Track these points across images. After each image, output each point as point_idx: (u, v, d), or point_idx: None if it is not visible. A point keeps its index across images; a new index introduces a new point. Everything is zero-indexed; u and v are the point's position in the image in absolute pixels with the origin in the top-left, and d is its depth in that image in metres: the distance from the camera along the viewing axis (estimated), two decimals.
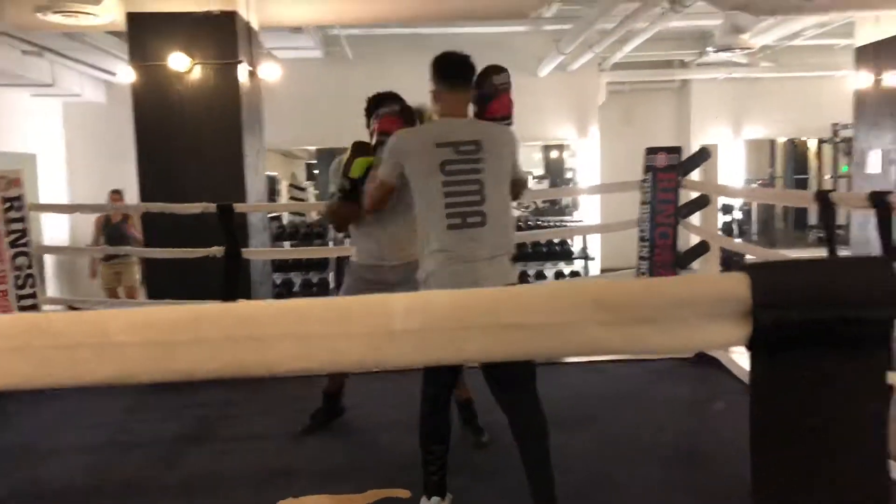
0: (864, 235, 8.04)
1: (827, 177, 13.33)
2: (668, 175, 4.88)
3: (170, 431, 4.22)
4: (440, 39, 10.27)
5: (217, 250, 4.85)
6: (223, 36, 5.54)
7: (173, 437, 4.13)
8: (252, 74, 5.84)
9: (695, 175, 5.24)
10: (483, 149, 2.79)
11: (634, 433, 3.97)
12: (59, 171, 9.79)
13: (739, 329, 0.64)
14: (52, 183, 9.57)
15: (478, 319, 0.63)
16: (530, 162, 16.49)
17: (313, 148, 13.78)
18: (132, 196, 6.53)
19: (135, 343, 0.61)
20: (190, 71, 5.49)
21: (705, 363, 4.96)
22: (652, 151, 5.00)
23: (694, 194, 5.08)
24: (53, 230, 9.13)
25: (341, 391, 4.04)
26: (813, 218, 14.62)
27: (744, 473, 0.70)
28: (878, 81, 7.99)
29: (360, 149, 3.30)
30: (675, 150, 4.93)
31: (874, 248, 7.76)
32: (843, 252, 10.95)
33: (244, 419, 4.42)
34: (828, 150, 13.19)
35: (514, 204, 3.55)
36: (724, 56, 9.62)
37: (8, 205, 4.62)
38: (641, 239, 5.13)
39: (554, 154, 15.84)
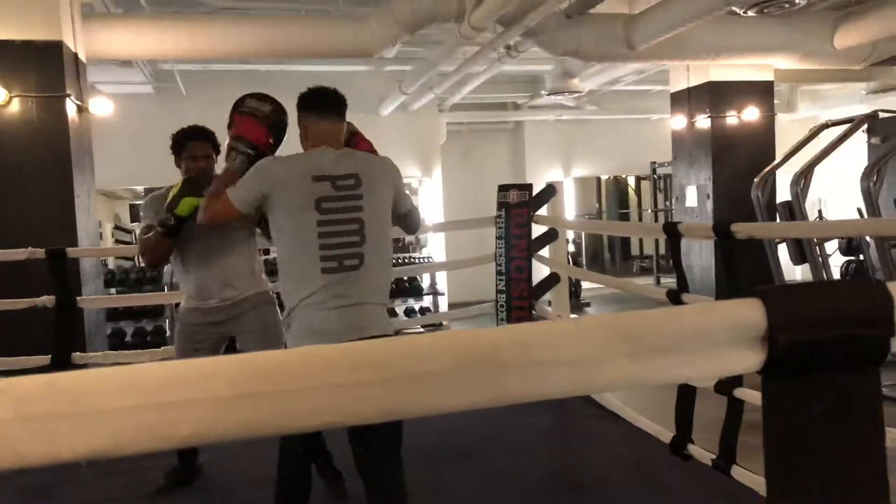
0: (689, 263, 8.71)
1: (647, 210, 14.43)
2: (520, 210, 5.05)
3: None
4: (279, 76, 10.11)
5: (47, 300, 4.39)
6: (47, 67, 5.09)
7: None
8: (81, 109, 5.41)
9: (543, 210, 5.47)
10: (362, 184, 2.59)
11: (507, 467, 4.00)
12: None
13: (756, 354, 0.63)
14: None
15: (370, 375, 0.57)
16: None
17: (140, 188, 13.00)
18: None
19: (135, 407, 0.50)
20: (8, 104, 4.99)
21: None
22: (504, 188, 5.16)
23: (543, 229, 5.28)
24: None
25: (194, 450, 3.73)
26: (636, 248, 15.80)
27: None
28: (691, 123, 8.80)
29: (191, 186, 3.07)
30: (526, 188, 5.12)
31: (706, 273, 8.50)
32: (668, 280, 11.90)
33: (87, 483, 3.99)
34: (646, 186, 14.30)
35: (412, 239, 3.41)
36: (553, 99, 10.22)
37: None
38: (498, 273, 5.25)
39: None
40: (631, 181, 15.35)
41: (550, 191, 5.31)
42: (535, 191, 5.36)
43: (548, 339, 0.59)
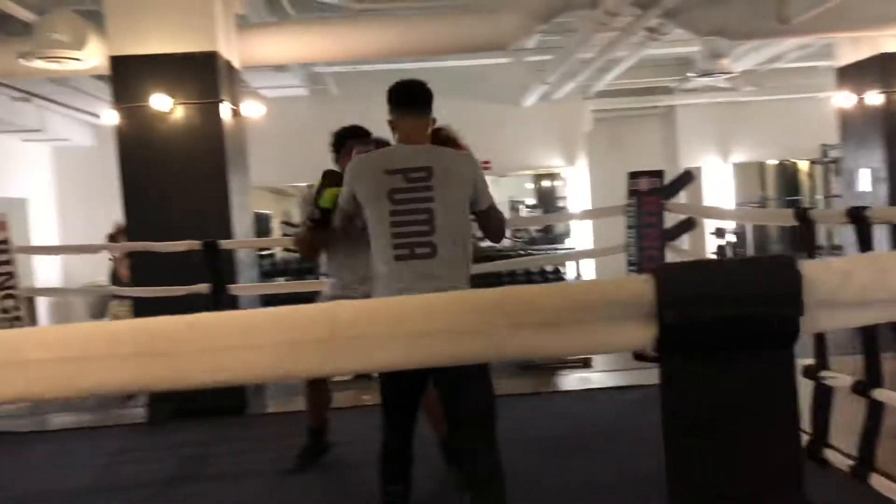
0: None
1: (819, 197, 13.38)
2: (651, 198, 4.90)
3: (155, 472, 4.17)
4: (423, 74, 10.31)
5: (202, 287, 4.84)
6: (204, 76, 5.58)
7: (159, 478, 4.08)
8: (235, 113, 5.88)
9: (682, 198, 5.27)
10: (434, 175, 2.65)
11: (625, 464, 3.91)
12: (49, 214, 9.81)
13: (646, 330, 0.63)
14: (43, 226, 9.58)
15: (384, 329, 0.62)
16: (522, 191, 16.57)
17: (304, 185, 13.84)
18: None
19: (47, 360, 0.59)
20: (172, 111, 5.52)
21: None
22: (634, 176, 5.02)
23: (679, 217, 5.08)
24: (46, 272, 9.12)
25: (325, 427, 3.99)
26: (822, 238, 14.64)
27: None
28: (861, 101, 8.06)
29: (330, 178, 3.26)
30: (658, 174, 4.95)
31: None
32: None
33: (232, 457, 4.37)
34: (819, 170, 13.26)
35: (508, 235, 3.34)
36: (706, 81, 9.73)
37: None
38: (630, 263, 5.12)
39: (546, 183, 15.91)
40: (804, 166, 14.25)
41: (686, 177, 5.11)
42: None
43: (423, 310, 0.62)
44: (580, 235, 11.05)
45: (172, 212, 5.55)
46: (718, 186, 12.12)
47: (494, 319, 0.62)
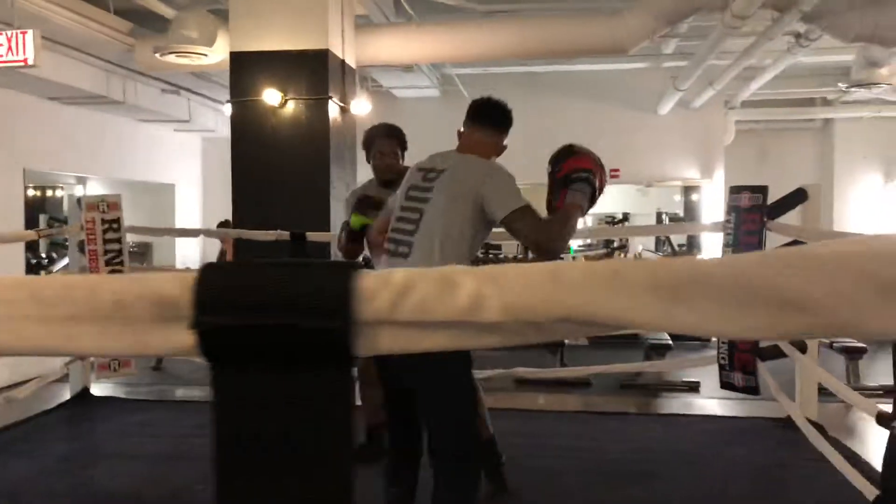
0: None
1: None
2: (752, 216, 4.51)
3: (206, 447, 4.36)
4: (554, 77, 10.23)
5: None
6: (315, 73, 5.79)
7: (205, 452, 4.26)
8: (343, 110, 6.05)
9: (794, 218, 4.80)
10: (440, 178, 2.60)
11: (690, 494, 3.68)
12: (194, 198, 10.61)
13: (186, 335, 0.56)
14: (187, 209, 10.39)
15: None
16: (671, 204, 15.85)
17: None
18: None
19: None
20: (283, 106, 5.78)
21: (793, 427, 4.49)
22: (736, 191, 4.65)
23: (785, 239, 4.64)
24: (187, 252, 9.89)
25: (382, 426, 3.97)
26: None
27: None
28: None
29: (361, 206, 3.29)
30: (760, 190, 4.54)
31: None
32: None
33: None
34: None
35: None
36: (872, 93, 8.85)
37: (106, 226, 5.03)
38: None
39: (695, 196, 15.20)
40: None
41: (798, 196, 4.65)
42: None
43: None
44: (712, 250, 10.43)
45: (275, 202, 5.80)
46: (877, 209, 10.98)
47: (21, 307, 0.57)
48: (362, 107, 6.22)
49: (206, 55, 6.16)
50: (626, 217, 16.48)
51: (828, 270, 0.48)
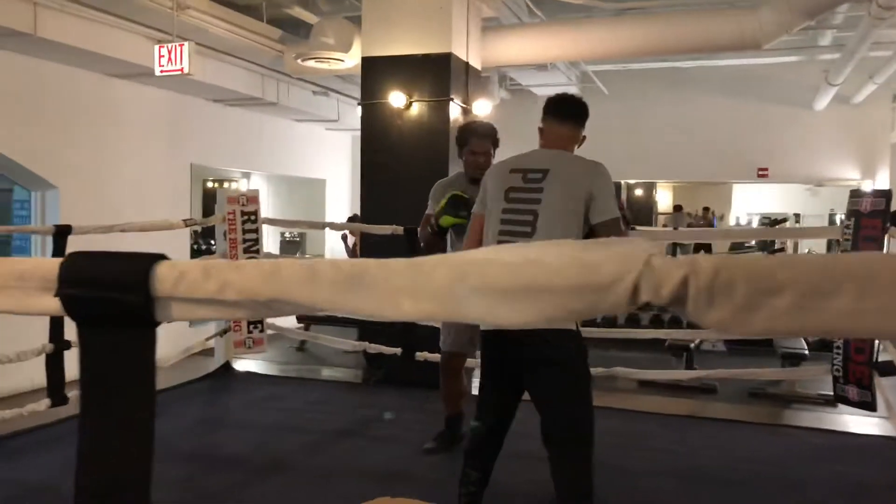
0: None
1: None
2: (872, 222, 4.24)
3: (331, 424, 4.76)
4: (698, 72, 9.89)
5: None
6: (438, 76, 6.06)
7: (331, 429, 4.66)
8: (465, 111, 6.28)
9: None
10: (547, 178, 2.64)
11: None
12: (344, 192, 11.31)
13: (55, 301, 0.79)
14: (337, 203, 11.10)
15: None
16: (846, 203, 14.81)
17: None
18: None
19: None
20: (408, 107, 6.11)
21: None
22: (856, 195, 4.39)
23: None
24: (335, 244, 10.59)
25: (461, 416, 4.12)
26: None
27: None
28: None
29: (452, 208, 3.46)
30: (884, 194, 4.26)
31: None
32: None
33: (397, 425, 4.79)
34: None
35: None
36: None
37: (245, 217, 5.60)
38: None
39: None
40: None
41: None
42: None
43: None
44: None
45: (399, 198, 6.14)
46: None
47: None
48: (483, 107, 6.42)
49: (343, 60, 6.62)
50: (797, 218, 15.53)
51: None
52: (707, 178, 12.56)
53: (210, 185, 11.95)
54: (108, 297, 0.74)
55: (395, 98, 6.05)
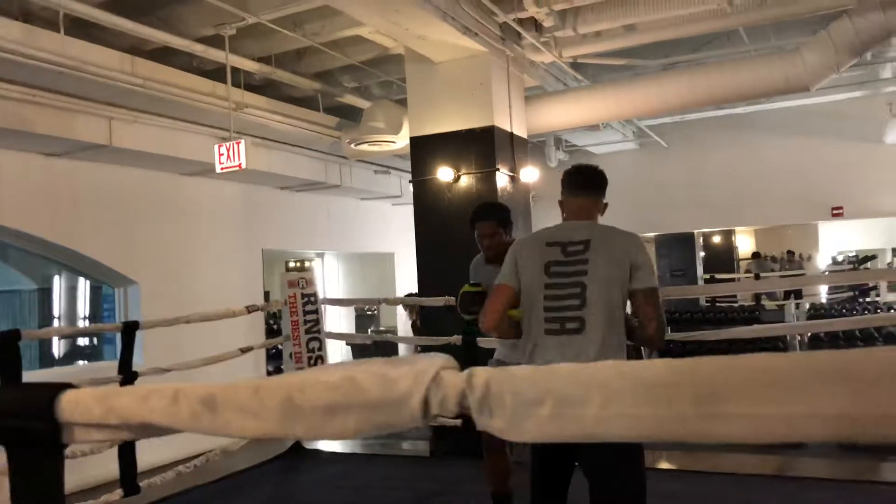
0: None
1: None
2: None
3: (395, 500, 4.80)
4: (756, 116, 9.72)
5: (456, 339, 5.41)
6: (482, 148, 6.22)
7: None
8: (513, 179, 6.40)
9: None
10: (591, 248, 2.61)
11: None
12: (412, 265, 11.51)
13: None
14: (406, 276, 11.33)
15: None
16: None
17: (651, 234, 13.78)
18: None
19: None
20: (457, 180, 6.27)
21: None
22: None
23: None
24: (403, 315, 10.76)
25: (509, 496, 3.98)
26: None
27: None
28: None
29: (463, 304, 3.52)
30: None
31: None
32: None
33: (458, 496, 4.77)
34: None
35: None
36: None
37: (305, 299, 5.82)
38: None
39: None
40: None
41: None
42: None
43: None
44: None
45: (454, 269, 6.25)
46: None
47: None
48: (531, 174, 6.52)
49: (394, 142, 6.90)
50: (894, 252, 14.75)
51: None
52: (778, 222, 12.20)
53: (292, 264, 12.44)
54: (16, 426, 0.86)
55: (444, 173, 6.24)
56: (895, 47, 7.17)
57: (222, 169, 5.82)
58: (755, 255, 15.27)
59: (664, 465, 5.36)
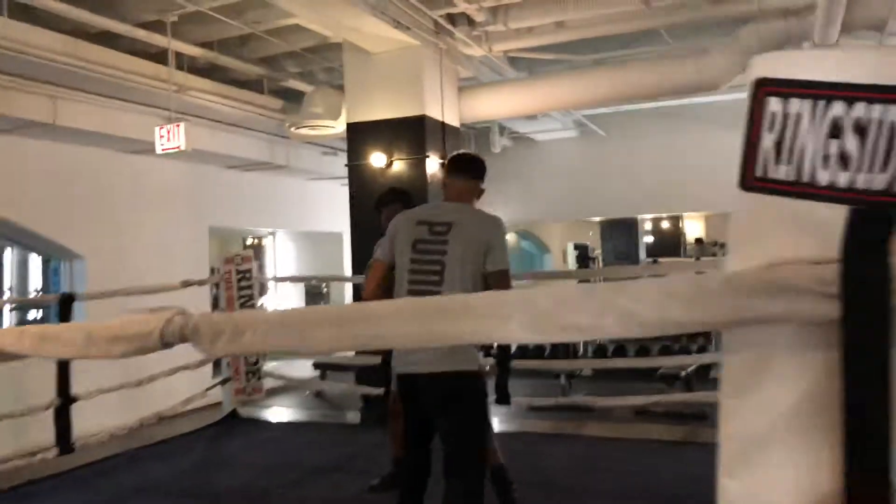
0: None
1: None
2: None
3: (317, 462, 5.19)
4: (691, 110, 10.17)
5: None
6: (413, 136, 6.59)
7: (305, 465, 5.09)
8: (443, 165, 6.76)
9: None
10: (453, 229, 2.87)
11: None
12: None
13: None
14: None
15: None
16: None
17: (596, 218, 14.22)
18: None
19: None
20: (389, 166, 6.63)
21: None
22: None
23: None
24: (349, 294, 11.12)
25: None
26: None
27: None
28: None
29: None
30: None
31: None
32: None
33: (374, 461, 5.17)
34: None
35: None
36: None
37: (240, 276, 6.16)
38: None
39: None
40: None
41: None
42: None
43: None
44: None
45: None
46: None
47: None
48: None
49: (333, 126, 7.22)
50: None
51: None
52: (720, 209, 12.72)
53: (249, 241, 12.70)
54: None
55: (377, 159, 6.59)
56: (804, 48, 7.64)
57: (163, 150, 6.10)
58: (698, 241, 15.86)
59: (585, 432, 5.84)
